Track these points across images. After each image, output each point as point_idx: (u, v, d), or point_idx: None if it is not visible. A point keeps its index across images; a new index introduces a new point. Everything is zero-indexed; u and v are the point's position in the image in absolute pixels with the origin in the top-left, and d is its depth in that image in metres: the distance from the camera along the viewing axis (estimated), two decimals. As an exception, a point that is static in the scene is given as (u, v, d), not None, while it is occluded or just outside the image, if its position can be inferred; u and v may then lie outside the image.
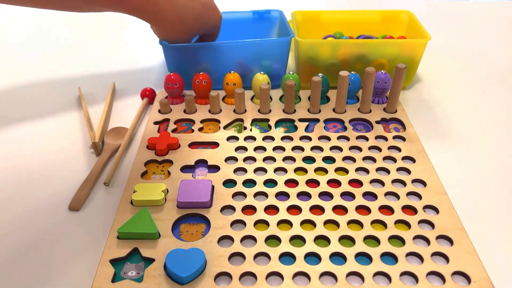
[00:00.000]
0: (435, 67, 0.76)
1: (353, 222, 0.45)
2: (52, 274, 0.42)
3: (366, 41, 0.67)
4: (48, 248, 0.44)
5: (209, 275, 0.39)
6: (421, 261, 0.41)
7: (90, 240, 0.45)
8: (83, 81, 0.73)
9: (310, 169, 0.51)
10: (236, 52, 0.65)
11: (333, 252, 0.41)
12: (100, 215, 0.48)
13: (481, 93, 0.69)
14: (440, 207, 0.46)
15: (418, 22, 0.70)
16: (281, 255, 0.41)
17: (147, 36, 0.86)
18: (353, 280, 0.39)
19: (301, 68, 0.67)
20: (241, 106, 0.61)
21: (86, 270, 0.42)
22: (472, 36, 0.88)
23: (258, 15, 0.75)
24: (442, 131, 0.60)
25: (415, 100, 0.67)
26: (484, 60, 0.79)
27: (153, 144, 0.54)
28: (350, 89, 0.61)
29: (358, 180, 0.50)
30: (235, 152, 0.54)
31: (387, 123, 0.60)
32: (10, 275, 0.42)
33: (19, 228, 0.46)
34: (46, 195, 0.50)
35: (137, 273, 0.40)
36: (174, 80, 0.62)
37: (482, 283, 0.39)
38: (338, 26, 0.77)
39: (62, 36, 0.90)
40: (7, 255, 0.44)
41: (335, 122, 0.60)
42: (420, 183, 0.50)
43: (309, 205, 0.46)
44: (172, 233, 0.44)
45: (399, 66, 0.58)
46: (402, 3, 0.95)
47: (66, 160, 0.56)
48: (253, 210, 0.46)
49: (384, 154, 0.53)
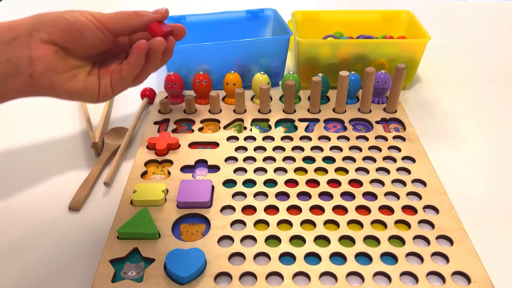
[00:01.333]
0: (435, 67, 0.76)
1: (353, 222, 0.45)
2: (52, 274, 0.42)
3: (366, 41, 0.67)
4: (48, 248, 0.44)
5: (209, 275, 0.39)
6: (421, 261, 0.41)
7: (90, 240, 0.45)
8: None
9: (310, 169, 0.51)
10: (236, 51, 0.65)
11: (333, 252, 0.41)
12: (100, 215, 0.48)
13: (481, 93, 0.69)
14: (440, 207, 0.46)
15: (418, 22, 0.70)
16: (281, 255, 0.41)
17: (147, 36, 0.86)
18: (353, 280, 0.39)
19: (301, 68, 0.67)
20: (241, 106, 0.60)
21: (86, 270, 0.42)
22: (472, 36, 0.88)
23: (252, 14, 0.75)
24: (442, 131, 0.60)
25: (415, 100, 0.67)
26: (484, 60, 0.79)
27: (153, 144, 0.54)
28: (350, 89, 0.61)
29: (358, 180, 0.50)
30: (235, 152, 0.54)
31: (387, 123, 0.60)
32: (10, 275, 0.42)
33: (19, 228, 0.46)
34: (46, 195, 0.50)
35: (137, 273, 0.40)
36: (174, 80, 0.62)
37: (482, 283, 0.39)
38: (338, 26, 0.77)
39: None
40: (7, 255, 0.44)
41: (335, 122, 0.60)
42: (420, 183, 0.49)
43: (309, 205, 0.46)
44: (172, 233, 0.44)
45: (399, 66, 0.58)
46: (402, 3, 0.95)
47: (66, 160, 0.56)
48: (253, 210, 0.46)
49: (384, 154, 0.53)
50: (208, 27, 0.74)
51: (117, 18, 0.41)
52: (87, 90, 0.41)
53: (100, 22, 0.40)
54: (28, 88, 0.39)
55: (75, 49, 0.40)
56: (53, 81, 0.39)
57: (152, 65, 0.43)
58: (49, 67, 0.39)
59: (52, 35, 0.39)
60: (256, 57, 0.66)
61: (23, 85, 0.38)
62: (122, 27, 0.42)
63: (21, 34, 0.38)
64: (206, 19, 0.74)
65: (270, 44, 0.66)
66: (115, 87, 0.43)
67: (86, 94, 0.41)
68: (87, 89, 0.41)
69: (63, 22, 0.39)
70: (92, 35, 0.40)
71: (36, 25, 0.39)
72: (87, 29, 0.40)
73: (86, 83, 0.41)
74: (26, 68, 0.38)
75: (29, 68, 0.38)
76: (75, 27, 0.39)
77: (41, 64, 0.38)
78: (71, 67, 0.40)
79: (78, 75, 0.41)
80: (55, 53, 0.39)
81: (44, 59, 0.38)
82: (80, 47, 0.40)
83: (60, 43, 0.39)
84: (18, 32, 0.38)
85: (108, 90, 0.42)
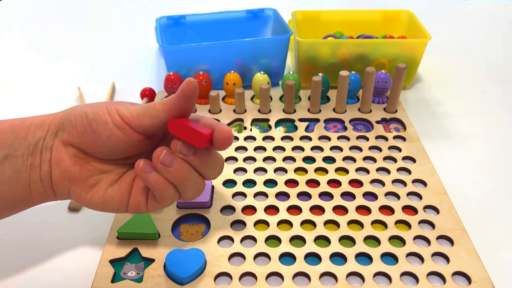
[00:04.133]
0: (435, 67, 0.76)
1: (354, 222, 0.45)
2: (52, 274, 0.42)
3: (366, 41, 0.67)
4: (48, 248, 0.44)
5: (209, 276, 0.39)
6: (421, 261, 0.41)
7: (90, 240, 0.45)
8: (83, 81, 0.73)
9: (310, 169, 0.51)
10: (236, 51, 0.65)
11: (333, 252, 0.41)
12: (100, 215, 0.47)
13: (481, 93, 0.69)
14: (441, 207, 0.46)
15: (418, 21, 0.70)
16: (281, 255, 0.41)
17: (147, 36, 0.86)
18: (353, 281, 0.39)
19: (301, 68, 0.67)
20: (241, 106, 0.60)
21: (86, 270, 0.41)
22: (472, 36, 0.88)
23: (252, 14, 0.75)
24: (442, 131, 0.60)
25: (416, 100, 0.67)
26: (484, 60, 0.79)
27: (153, 144, 0.54)
28: (350, 89, 0.61)
29: (358, 180, 0.49)
30: (235, 152, 0.54)
31: (388, 123, 0.60)
32: (10, 275, 0.42)
33: (19, 228, 0.46)
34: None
35: (137, 273, 0.40)
36: (174, 80, 0.62)
37: (482, 283, 0.38)
38: (338, 26, 0.77)
39: (62, 35, 0.90)
40: (7, 255, 0.44)
41: (335, 122, 0.60)
42: (420, 183, 0.49)
43: (309, 205, 0.46)
44: (172, 233, 0.44)
45: (399, 66, 0.58)
46: (402, 3, 0.94)
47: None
48: (253, 210, 0.46)
49: (384, 154, 0.53)
50: (208, 27, 0.74)
51: (143, 111, 0.32)
52: (106, 202, 0.34)
53: (123, 119, 0.32)
54: (53, 195, 0.34)
55: (94, 153, 0.33)
56: (70, 190, 0.34)
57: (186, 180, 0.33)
58: (63, 173, 0.33)
59: (70, 135, 0.33)
60: (256, 57, 0.66)
61: (47, 191, 0.34)
62: (146, 123, 0.32)
63: (49, 132, 0.33)
64: (206, 19, 0.74)
65: (270, 44, 0.66)
66: (151, 207, 0.34)
67: (106, 207, 0.34)
68: (105, 201, 0.34)
69: (81, 119, 0.32)
70: (110, 136, 0.32)
71: (64, 121, 0.33)
72: (104, 129, 0.32)
73: (105, 194, 0.34)
74: (47, 174, 0.33)
75: (49, 174, 0.33)
76: (92, 127, 0.32)
77: (57, 169, 0.33)
78: (92, 172, 0.34)
79: (99, 183, 0.34)
80: (72, 156, 0.33)
81: (60, 164, 0.33)
82: (100, 150, 0.33)
83: (77, 145, 0.33)
84: (48, 129, 0.33)
85: (141, 205, 0.34)
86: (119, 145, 0.33)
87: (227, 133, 0.31)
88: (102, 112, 0.32)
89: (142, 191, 0.34)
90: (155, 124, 0.32)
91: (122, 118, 0.32)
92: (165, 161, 0.31)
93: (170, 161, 0.31)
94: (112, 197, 0.34)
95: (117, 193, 0.34)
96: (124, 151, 0.33)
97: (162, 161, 0.31)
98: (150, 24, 0.83)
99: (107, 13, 1.01)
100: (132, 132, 0.32)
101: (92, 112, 0.32)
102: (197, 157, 0.32)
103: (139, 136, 0.33)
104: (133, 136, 0.33)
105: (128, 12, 1.01)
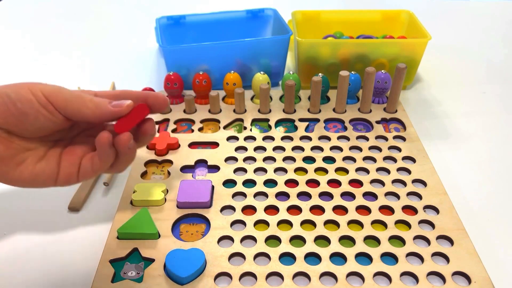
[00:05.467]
0: (435, 67, 0.76)
1: (353, 222, 0.45)
2: (52, 274, 0.42)
3: (366, 41, 0.67)
4: (48, 248, 0.44)
5: (209, 275, 0.39)
6: (421, 261, 0.41)
7: (90, 240, 0.45)
8: (83, 81, 0.73)
9: (310, 169, 0.51)
10: (236, 51, 0.65)
11: (333, 252, 0.41)
12: (100, 215, 0.48)
13: (481, 93, 0.69)
14: (440, 207, 0.46)
15: (418, 21, 0.70)
16: (281, 255, 0.41)
17: (147, 36, 0.86)
18: (353, 281, 0.39)
19: (301, 68, 0.67)
20: (241, 106, 0.60)
21: (86, 270, 0.41)
22: (472, 36, 0.88)
23: (252, 14, 0.75)
24: (442, 131, 0.60)
25: (416, 100, 0.67)
26: (484, 60, 0.79)
27: (153, 144, 0.54)
28: (350, 89, 0.61)
29: (358, 180, 0.49)
30: (235, 152, 0.54)
31: (387, 123, 0.60)
32: (10, 275, 0.42)
33: (19, 228, 0.46)
34: (46, 195, 0.50)
35: (137, 273, 0.40)
36: (174, 80, 0.62)
37: (482, 283, 0.39)
38: (338, 26, 0.77)
39: (62, 36, 0.90)
40: (7, 255, 0.44)
41: (335, 122, 0.60)
42: (420, 183, 0.49)
43: (309, 205, 0.46)
44: (172, 233, 0.44)
45: (399, 66, 0.58)
46: (402, 3, 0.94)
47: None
48: (253, 210, 0.46)
49: (384, 154, 0.53)
50: (208, 27, 0.74)
51: (71, 100, 0.34)
52: (36, 177, 0.35)
53: (50, 101, 0.34)
54: None
55: (19, 131, 0.34)
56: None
57: (126, 156, 0.37)
58: None
59: None
60: (256, 57, 0.66)
61: None
62: (72, 112, 0.34)
63: None
64: (206, 18, 0.74)
65: (270, 44, 0.66)
66: (82, 176, 0.36)
67: (36, 182, 0.35)
68: (35, 176, 0.35)
69: (2, 100, 0.33)
70: (37, 115, 0.33)
71: None
72: (30, 108, 0.33)
73: (35, 170, 0.35)
74: None
75: None
76: (16, 106, 0.33)
77: None
78: (17, 151, 0.34)
79: (26, 160, 0.35)
80: None
81: None
82: (25, 129, 0.34)
83: (0, 125, 0.33)
84: None
85: (72, 177, 0.36)
86: (45, 124, 0.34)
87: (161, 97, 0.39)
88: (26, 92, 0.33)
89: (74, 163, 0.36)
90: (80, 117, 0.35)
91: (49, 99, 0.34)
92: (132, 145, 0.37)
93: (133, 145, 0.37)
94: (41, 172, 0.35)
95: (46, 168, 0.35)
96: (50, 130, 0.35)
97: (130, 146, 0.37)
98: (150, 24, 0.83)
99: (107, 13, 1.01)
100: (57, 114, 0.34)
101: (14, 92, 0.33)
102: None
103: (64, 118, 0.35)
104: (60, 117, 0.35)
105: (128, 12, 1.01)
